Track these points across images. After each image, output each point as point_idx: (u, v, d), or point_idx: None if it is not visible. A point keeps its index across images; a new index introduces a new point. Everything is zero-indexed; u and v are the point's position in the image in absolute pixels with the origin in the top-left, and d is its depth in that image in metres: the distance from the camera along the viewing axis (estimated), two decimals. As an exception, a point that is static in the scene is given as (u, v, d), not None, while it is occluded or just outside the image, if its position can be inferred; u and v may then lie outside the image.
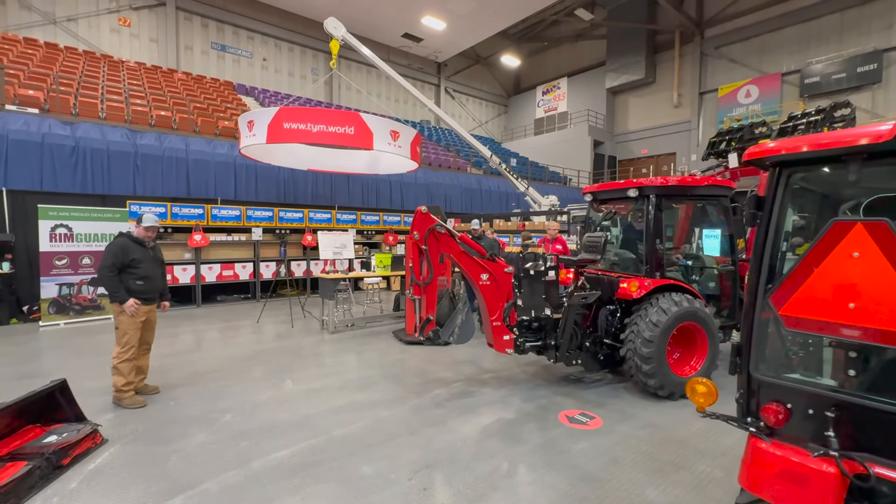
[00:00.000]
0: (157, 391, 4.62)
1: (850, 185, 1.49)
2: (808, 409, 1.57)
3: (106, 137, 9.66)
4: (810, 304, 1.44)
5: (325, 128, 7.84)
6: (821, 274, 1.41)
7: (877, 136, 1.34)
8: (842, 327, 1.38)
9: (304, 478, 3.06)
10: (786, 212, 1.64)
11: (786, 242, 1.63)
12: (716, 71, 21.43)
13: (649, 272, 4.56)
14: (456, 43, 24.25)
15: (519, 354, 4.66)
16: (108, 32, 17.44)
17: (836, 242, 1.37)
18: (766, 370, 1.68)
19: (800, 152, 1.50)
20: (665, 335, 4.28)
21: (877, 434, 1.48)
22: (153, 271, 4.45)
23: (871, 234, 1.31)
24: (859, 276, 1.34)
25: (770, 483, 1.60)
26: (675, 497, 2.89)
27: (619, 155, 25.56)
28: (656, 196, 4.56)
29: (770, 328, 1.65)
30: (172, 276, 9.45)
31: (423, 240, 4.22)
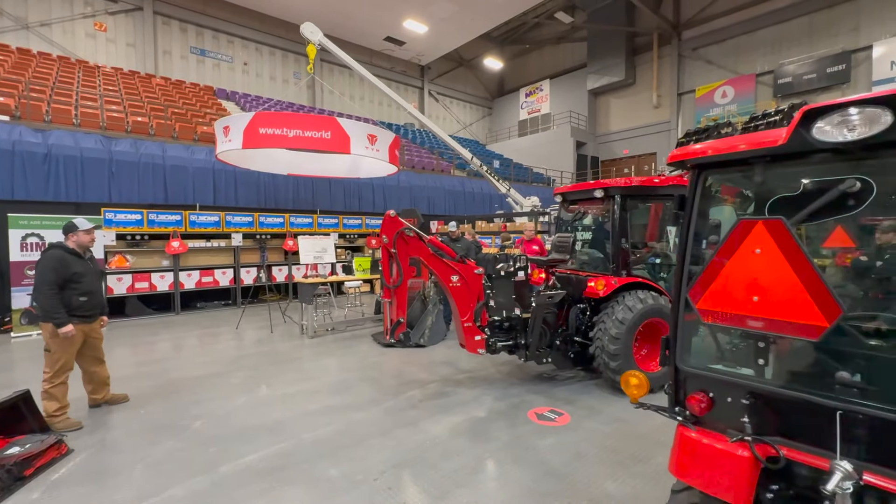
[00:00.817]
0: (126, 399, 4.53)
1: (758, 185, 1.60)
2: (727, 398, 1.67)
3: (79, 144, 9.53)
4: (721, 299, 1.54)
5: (302, 132, 7.85)
6: (729, 270, 1.51)
7: (773, 140, 1.44)
8: (748, 319, 1.47)
9: (272, 481, 3.09)
10: (705, 211, 1.74)
11: (705, 241, 1.73)
12: (693, 72, 21.88)
13: (616, 271, 4.67)
14: (438, 46, 24.37)
15: (491, 354, 4.73)
16: (84, 37, 17.17)
17: (742, 240, 1.47)
18: (690, 362, 1.77)
19: (710, 155, 1.60)
20: (631, 332, 4.39)
21: (787, 418, 1.58)
22: (96, 285, 4.20)
23: (770, 232, 1.41)
24: (761, 271, 1.43)
25: (695, 469, 1.69)
26: (633, 488, 2.98)
27: (601, 155, 25.91)
28: (621, 196, 4.68)
29: (694, 322, 1.74)
30: (150, 283, 9.36)
31: (392, 243, 4.27)
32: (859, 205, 1.36)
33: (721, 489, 1.60)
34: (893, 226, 1.63)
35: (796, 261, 1.37)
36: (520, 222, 12.76)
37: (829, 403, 1.41)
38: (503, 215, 14.14)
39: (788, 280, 1.37)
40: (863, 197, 1.35)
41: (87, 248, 4.17)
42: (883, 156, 1.34)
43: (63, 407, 3.93)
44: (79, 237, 4.05)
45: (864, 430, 1.39)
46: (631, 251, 4.76)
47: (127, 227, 9.18)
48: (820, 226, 2.58)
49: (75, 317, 3.93)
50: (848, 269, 2.49)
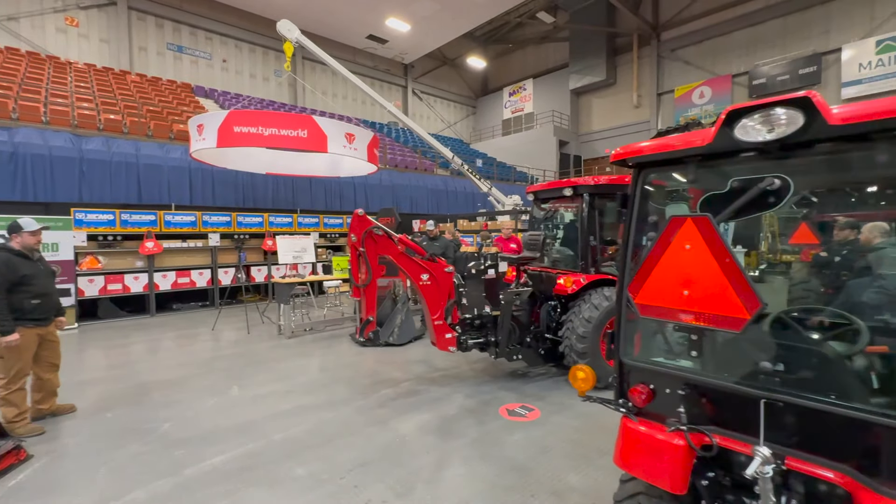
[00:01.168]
0: (73, 410, 4.31)
1: (692, 184, 1.65)
2: (665, 389, 1.72)
3: (48, 143, 9.27)
4: (656, 293, 1.59)
5: (278, 131, 7.78)
6: (663, 265, 1.56)
7: (701, 140, 1.50)
8: (680, 313, 1.53)
9: (237, 482, 3.07)
10: (645, 209, 1.79)
11: (645, 237, 1.78)
12: (672, 73, 22.28)
13: (584, 268, 4.74)
14: (421, 45, 24.33)
15: (462, 352, 4.76)
16: (54, 32, 16.68)
17: (673, 236, 1.52)
18: (632, 355, 1.83)
19: (647, 154, 1.65)
20: (598, 329, 4.43)
21: (720, 408, 1.64)
22: (49, 287, 4.01)
23: (698, 229, 1.46)
24: (690, 266, 1.49)
25: (636, 459, 1.75)
26: (595, 481, 3.05)
27: (583, 154, 26.20)
28: (589, 194, 4.75)
29: (636, 317, 1.79)
30: (123, 284, 9.16)
31: (361, 242, 4.27)
32: (779, 202, 1.42)
33: (659, 477, 1.66)
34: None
35: (721, 256, 1.42)
36: (502, 221, 12.86)
37: (754, 392, 1.47)
38: (485, 214, 14.22)
39: (714, 274, 1.43)
40: (782, 194, 1.41)
41: (35, 249, 3.95)
42: (799, 155, 1.40)
43: (23, 412, 3.81)
44: (23, 238, 3.82)
45: (786, 417, 1.46)
46: (600, 249, 4.83)
47: (98, 227, 8.98)
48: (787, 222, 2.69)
49: (29, 321, 3.77)
50: (796, 266, 2.59)
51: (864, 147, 1.30)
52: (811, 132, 1.32)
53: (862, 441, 1.34)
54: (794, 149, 1.39)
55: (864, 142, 1.29)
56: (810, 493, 1.51)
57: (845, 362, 1.61)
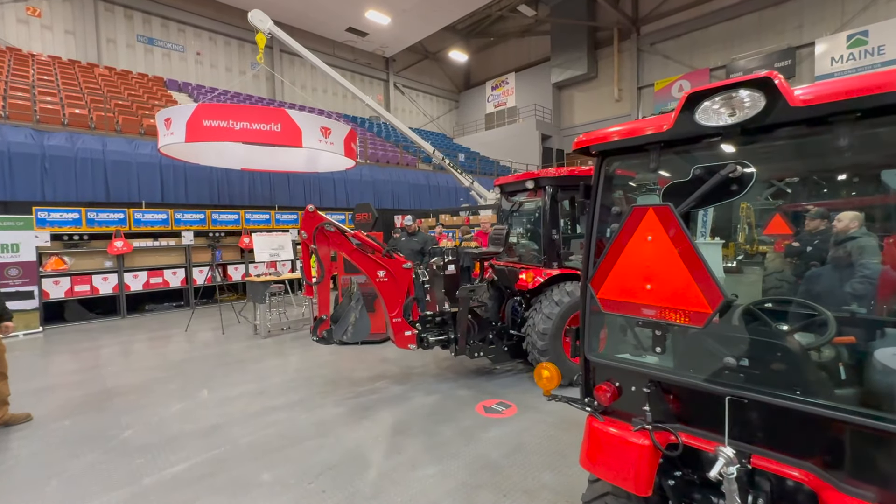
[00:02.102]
0: (29, 419, 4.06)
1: (654, 172, 1.58)
2: (631, 387, 1.66)
3: (6, 138, 8.83)
4: (619, 287, 1.52)
5: (249, 125, 7.53)
6: (625, 257, 1.49)
7: (659, 126, 1.43)
8: (642, 307, 1.46)
9: (198, 490, 2.93)
10: (608, 199, 1.72)
11: (608, 228, 1.71)
12: (652, 66, 22.45)
13: (547, 262, 4.66)
14: (402, 38, 24.00)
15: (424, 349, 4.65)
16: (15, 23, 15.90)
17: (635, 227, 1.45)
18: (597, 352, 1.76)
19: (609, 142, 1.57)
20: (560, 326, 4.36)
21: (685, 405, 1.58)
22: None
23: (660, 218, 1.39)
24: (652, 259, 1.42)
25: (602, 459, 1.68)
26: (568, 478, 2.99)
27: (566, 148, 26.29)
28: (552, 187, 4.65)
29: (598, 311, 1.72)
30: (91, 286, 8.82)
31: (312, 238, 4.15)
32: (742, 189, 1.35)
33: (624, 479, 1.59)
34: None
35: (683, 248, 1.35)
36: (484, 215, 12.79)
37: (719, 390, 1.41)
38: (468, 209, 14.14)
39: (676, 267, 1.36)
40: (745, 182, 1.34)
41: None
42: (760, 139, 1.33)
43: None
44: None
45: (751, 414, 1.40)
46: (562, 243, 4.73)
47: (63, 226, 8.60)
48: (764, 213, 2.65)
49: None
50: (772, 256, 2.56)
51: (827, 130, 1.24)
52: (773, 115, 1.25)
53: (826, 437, 1.29)
54: (756, 133, 1.32)
55: (828, 125, 1.23)
56: (776, 491, 1.46)
57: (811, 355, 1.56)
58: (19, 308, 7.71)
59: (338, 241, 4.31)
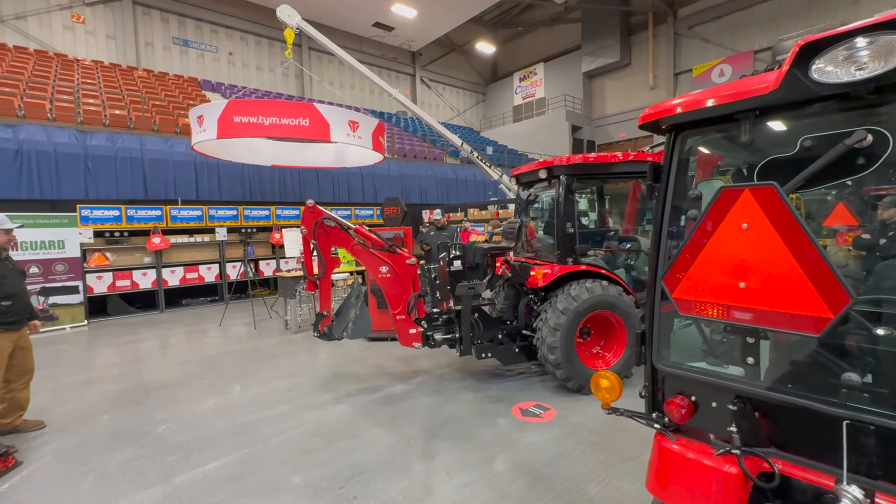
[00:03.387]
0: (41, 426, 3.87)
1: (746, 146, 1.32)
2: (711, 403, 1.41)
3: (52, 139, 9.19)
4: (701, 286, 1.27)
5: (278, 120, 7.52)
6: (710, 250, 1.24)
7: (761, 87, 1.16)
8: (733, 310, 1.21)
9: (228, 493, 2.86)
10: (684, 182, 1.46)
11: (684, 217, 1.45)
12: (689, 51, 21.34)
13: (561, 258, 4.34)
14: (428, 31, 23.77)
15: (430, 348, 4.47)
16: (62, 30, 16.66)
17: (725, 213, 1.20)
18: (668, 360, 1.51)
19: (687, 112, 1.32)
20: (572, 325, 4.07)
21: (784, 427, 1.32)
22: (19, 287, 3.70)
23: (759, 202, 1.13)
24: (748, 251, 1.16)
25: (675, 487, 1.44)
26: (618, 490, 2.75)
27: (597, 139, 25.45)
28: (566, 176, 4.30)
29: (672, 313, 1.47)
30: (132, 281, 9.10)
31: (312, 234, 4.07)
32: (871, 164, 1.08)
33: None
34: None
35: (793, 236, 1.09)
36: (512, 209, 12.48)
37: (834, 411, 1.15)
38: (496, 202, 13.85)
39: (783, 261, 1.10)
40: (876, 154, 1.07)
41: (4, 249, 3.66)
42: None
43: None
44: None
45: (876, 442, 1.13)
46: (580, 238, 4.39)
47: (105, 223, 8.89)
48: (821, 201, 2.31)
49: (1, 324, 3.49)
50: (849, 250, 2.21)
51: None
52: None
53: None
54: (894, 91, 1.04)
55: None
56: None
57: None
58: (66, 302, 8.04)
59: (339, 237, 4.23)
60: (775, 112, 1.22)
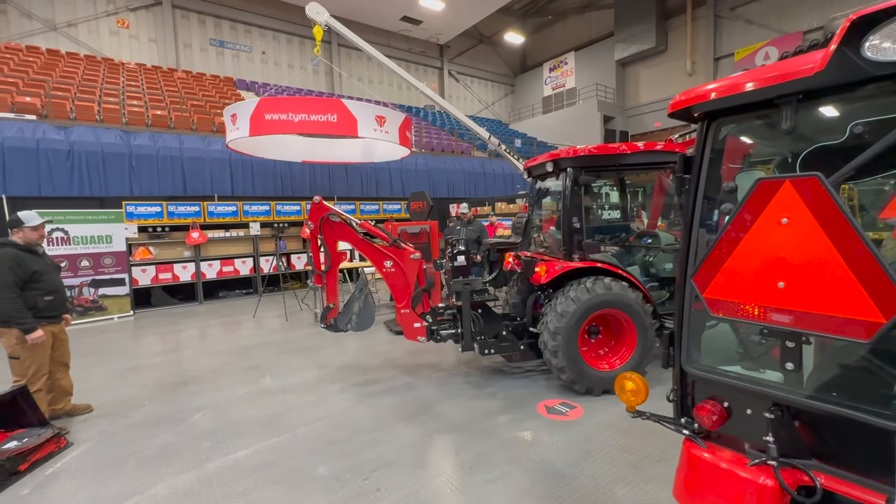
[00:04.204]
0: (89, 409, 4.09)
1: (787, 134, 1.21)
2: (746, 409, 1.32)
3: (100, 140, 9.72)
4: (735, 285, 1.18)
5: (308, 117, 7.66)
6: (746, 247, 1.15)
7: (806, 68, 1.05)
8: (772, 312, 1.12)
9: (257, 480, 2.95)
10: (717, 173, 1.36)
11: (718, 210, 1.36)
12: (731, 34, 20.21)
13: (567, 254, 4.18)
14: (456, 23, 23.57)
15: (435, 342, 4.47)
16: (108, 35, 17.57)
17: (763, 207, 1.10)
18: (699, 363, 1.42)
19: (722, 98, 1.22)
20: (575, 326, 3.91)
21: (827, 438, 1.22)
22: (58, 282, 3.81)
23: (801, 194, 1.04)
24: (789, 248, 1.07)
25: (705, 497, 1.37)
26: (646, 494, 2.66)
27: (630, 129, 24.60)
28: (573, 169, 4.11)
29: (703, 313, 1.38)
30: (173, 274, 9.55)
31: (318, 229, 4.22)
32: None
33: (736, 524, 1.27)
34: None
35: (840, 232, 0.99)
36: (543, 202, 12.24)
37: (885, 424, 1.05)
38: (524, 196, 13.63)
39: (828, 259, 1.01)
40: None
41: (42, 241, 3.80)
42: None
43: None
44: (25, 234, 3.59)
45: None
46: (586, 232, 4.21)
47: (148, 219, 9.36)
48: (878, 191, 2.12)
49: (44, 318, 3.62)
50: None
51: None
52: None
53: None
54: None
55: None
56: None
57: None
58: (114, 294, 8.54)
59: (343, 232, 4.33)
60: (822, 96, 1.11)
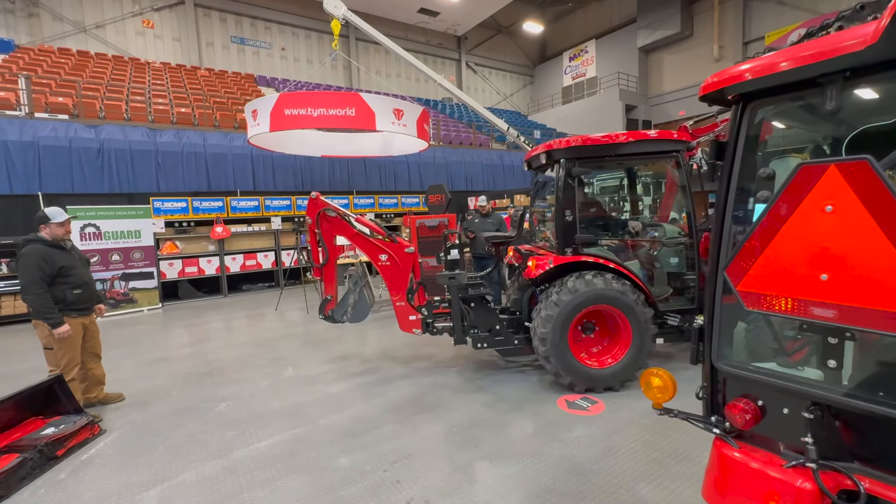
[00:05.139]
0: (121, 398, 4.24)
1: (830, 116, 1.12)
2: (782, 408, 1.25)
3: (128, 137, 10.02)
4: (773, 278, 1.11)
5: (326, 111, 7.70)
6: (784, 237, 1.08)
7: (856, 43, 0.97)
8: (812, 306, 1.05)
9: (280, 469, 3.01)
10: (753, 159, 1.28)
11: (753, 198, 1.28)
12: (762, 16, 19.35)
13: (559, 248, 4.07)
14: (474, 13, 23.29)
15: (431, 335, 4.55)
16: (134, 36, 18.04)
17: (804, 193, 1.03)
18: (731, 359, 1.36)
19: (759, 78, 1.14)
20: (565, 321, 3.82)
21: (871, 440, 1.15)
22: (87, 275, 3.93)
23: (848, 180, 0.96)
24: (833, 238, 1.00)
25: (735, 498, 1.31)
26: (671, 492, 2.59)
27: (654, 119, 23.92)
28: (565, 160, 3.98)
29: (736, 307, 1.32)
30: (198, 267, 9.81)
31: (316, 224, 4.35)
32: None
33: (771, 527, 1.21)
34: None
35: (892, 220, 0.92)
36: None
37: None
38: (544, 188, 13.43)
39: (878, 249, 0.93)
40: None
41: (68, 236, 3.87)
42: None
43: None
44: (51, 229, 3.69)
45: None
46: (580, 225, 4.07)
47: (174, 214, 9.62)
48: None
49: (73, 311, 3.75)
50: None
51: None
52: None
53: None
54: None
55: None
56: None
57: None
58: (143, 287, 8.84)
59: (340, 226, 4.45)
60: (872, 73, 1.02)
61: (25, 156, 8.89)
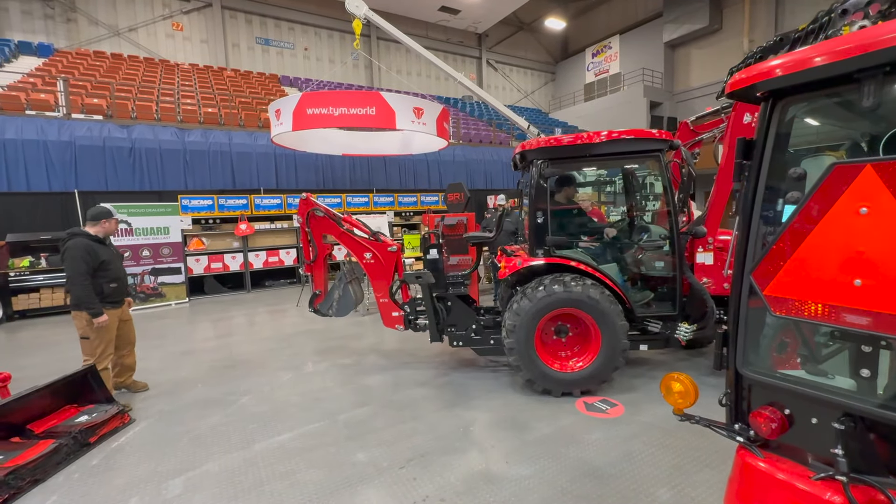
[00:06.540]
0: (145, 388, 4.44)
1: (867, 113, 1.06)
2: (810, 418, 1.20)
3: (158, 137, 10.36)
4: (802, 282, 1.06)
5: (347, 110, 7.79)
6: (815, 240, 1.03)
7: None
8: (844, 312, 1.00)
9: (299, 462, 3.07)
10: (783, 159, 1.23)
11: (782, 199, 1.23)
12: (795, 8, 18.57)
13: (530, 250, 4.01)
14: (495, 11, 23.13)
15: (414, 331, 4.70)
16: (164, 38, 18.62)
17: (837, 195, 0.98)
18: (756, 366, 1.31)
19: (790, 74, 1.09)
20: (531, 324, 3.76)
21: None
22: (122, 270, 4.18)
23: (885, 180, 0.91)
24: (868, 241, 0.95)
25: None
26: (692, 500, 2.53)
27: (679, 115, 23.24)
28: (539, 160, 3.89)
29: (762, 312, 1.27)
30: (223, 263, 10.08)
31: (306, 223, 4.60)
32: None
33: (798, 542, 1.17)
34: None
35: (931, 224, 0.87)
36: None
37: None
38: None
39: (916, 254, 0.89)
40: None
41: (112, 233, 4.16)
42: None
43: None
44: (109, 224, 4.03)
45: None
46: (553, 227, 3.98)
47: (200, 211, 9.91)
48: None
49: (108, 303, 3.95)
50: None
51: None
52: None
53: None
54: None
55: None
56: None
57: None
58: (171, 282, 9.14)
59: (327, 225, 4.65)
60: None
61: (63, 155, 9.31)
